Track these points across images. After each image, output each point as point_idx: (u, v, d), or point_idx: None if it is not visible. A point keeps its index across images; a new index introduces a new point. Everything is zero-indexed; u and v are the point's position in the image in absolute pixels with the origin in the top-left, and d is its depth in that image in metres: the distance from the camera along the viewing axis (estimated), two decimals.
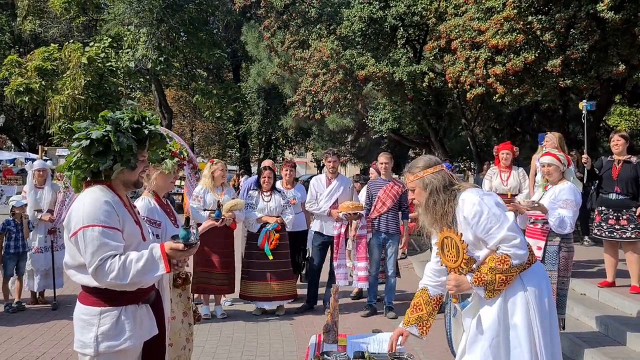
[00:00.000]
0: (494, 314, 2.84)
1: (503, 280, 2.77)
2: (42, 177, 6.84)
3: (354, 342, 3.20)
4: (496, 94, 10.71)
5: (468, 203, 2.82)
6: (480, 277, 2.78)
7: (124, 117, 2.56)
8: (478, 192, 2.90)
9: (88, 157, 2.51)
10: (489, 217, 2.77)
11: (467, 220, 2.82)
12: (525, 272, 2.84)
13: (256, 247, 6.38)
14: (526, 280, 2.84)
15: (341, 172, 7.32)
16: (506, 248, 2.76)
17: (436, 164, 2.99)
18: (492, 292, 2.80)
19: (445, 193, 2.89)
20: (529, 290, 2.83)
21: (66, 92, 19.84)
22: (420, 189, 2.96)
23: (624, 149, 6.08)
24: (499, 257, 2.76)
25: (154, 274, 2.43)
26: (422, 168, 2.97)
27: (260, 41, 18.50)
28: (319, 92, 13.72)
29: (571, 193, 4.59)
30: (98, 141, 2.48)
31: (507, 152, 6.93)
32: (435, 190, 2.90)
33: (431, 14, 12.42)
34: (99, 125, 2.53)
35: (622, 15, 9.26)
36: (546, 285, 2.92)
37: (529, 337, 2.80)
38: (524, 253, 2.79)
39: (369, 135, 21.72)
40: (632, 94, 15.16)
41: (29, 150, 27.35)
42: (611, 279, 6.14)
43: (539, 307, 2.83)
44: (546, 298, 2.87)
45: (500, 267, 2.75)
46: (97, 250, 2.37)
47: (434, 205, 2.89)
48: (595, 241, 8.24)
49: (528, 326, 2.81)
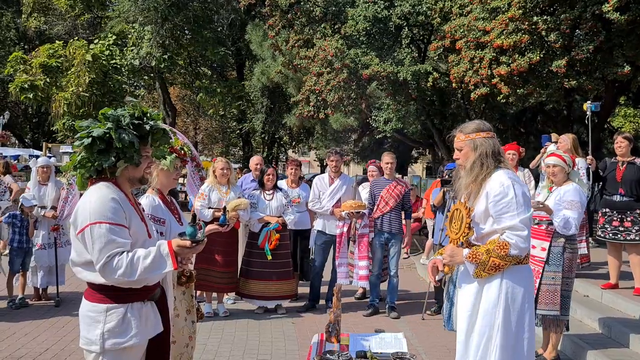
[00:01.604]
0: (471, 292, 2.93)
1: (496, 265, 2.81)
2: (46, 174, 6.85)
3: (356, 342, 3.20)
4: (500, 95, 10.70)
5: (496, 181, 2.86)
6: (476, 254, 2.83)
7: (124, 113, 2.56)
8: (510, 175, 2.92)
9: (91, 155, 2.51)
10: (510, 203, 2.80)
11: (489, 195, 2.85)
12: (512, 268, 2.86)
13: (257, 246, 6.38)
14: (507, 273, 2.86)
15: (344, 172, 7.31)
16: (511, 236, 2.79)
17: (489, 130, 3.02)
18: (481, 272, 2.84)
19: (493, 160, 2.93)
20: (505, 282, 2.86)
21: (70, 89, 19.85)
22: (469, 149, 2.98)
23: (627, 150, 6.06)
24: (501, 242, 2.80)
25: (162, 270, 2.44)
26: (474, 130, 3.00)
27: (265, 40, 18.51)
28: (323, 91, 13.73)
29: (576, 194, 4.58)
30: (100, 139, 2.49)
31: (513, 152, 6.90)
32: (485, 154, 2.93)
33: (436, 13, 12.41)
34: (100, 123, 2.54)
35: (627, 16, 9.25)
36: (527, 284, 2.94)
37: (487, 327, 2.86)
38: (525, 247, 2.82)
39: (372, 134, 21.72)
40: (637, 96, 15.11)
41: (32, 147, 27.42)
42: (614, 280, 6.12)
43: (511, 300, 2.86)
44: (520, 295, 2.88)
45: (498, 252, 2.79)
46: (105, 247, 2.37)
47: (480, 168, 2.92)
48: (598, 243, 8.21)
49: (491, 314, 2.86)
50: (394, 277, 6.50)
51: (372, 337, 3.31)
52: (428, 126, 16.46)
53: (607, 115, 13.92)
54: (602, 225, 6.12)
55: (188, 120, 35.89)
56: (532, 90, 10.52)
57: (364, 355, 2.94)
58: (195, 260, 6.12)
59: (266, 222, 6.40)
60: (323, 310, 6.53)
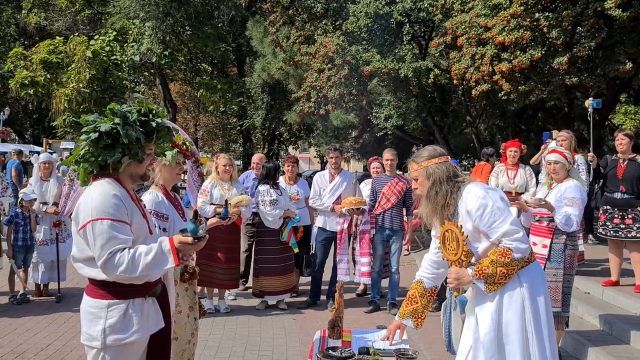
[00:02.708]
0: (490, 309, 2.82)
1: (504, 273, 2.75)
2: (47, 170, 6.86)
3: (358, 338, 3.20)
4: (502, 91, 10.68)
5: (472, 196, 2.80)
6: (482, 269, 2.76)
7: (131, 109, 2.56)
8: (483, 186, 2.88)
9: (96, 150, 2.51)
10: (493, 211, 2.76)
11: (471, 213, 2.80)
12: (523, 269, 2.82)
13: (267, 242, 6.46)
14: (523, 277, 2.82)
15: (345, 168, 7.32)
16: (508, 242, 2.75)
17: (441, 155, 2.95)
18: (492, 285, 2.77)
19: (449, 184, 2.87)
20: (525, 287, 2.81)
21: (71, 85, 19.82)
22: (423, 178, 2.94)
23: (628, 147, 6.05)
24: (501, 250, 2.76)
25: (163, 267, 2.44)
26: (426, 158, 2.94)
27: (266, 36, 18.47)
28: (324, 88, 13.71)
29: (577, 191, 4.58)
30: (107, 134, 2.49)
31: (515, 149, 6.92)
32: (438, 181, 2.87)
33: (437, 10, 12.37)
34: (107, 118, 2.53)
35: (629, 13, 9.23)
36: (542, 283, 2.91)
37: (521, 333, 2.78)
38: (526, 247, 2.79)
39: (373, 131, 21.70)
40: (638, 93, 15.10)
41: (33, 143, 27.40)
42: (615, 277, 6.13)
43: (534, 304, 2.81)
44: (542, 296, 2.85)
45: (502, 260, 2.74)
46: (106, 243, 2.37)
47: (436, 196, 2.87)
48: (599, 240, 8.21)
49: (521, 322, 2.79)
50: (395, 273, 6.50)
51: (374, 334, 3.32)
52: (429, 123, 16.45)
53: (608, 112, 13.90)
54: (603, 222, 6.12)
55: (188, 116, 35.85)
56: (533, 87, 10.51)
57: (366, 351, 2.94)
58: (197, 257, 6.11)
59: (286, 218, 6.52)
60: (324, 307, 6.54)
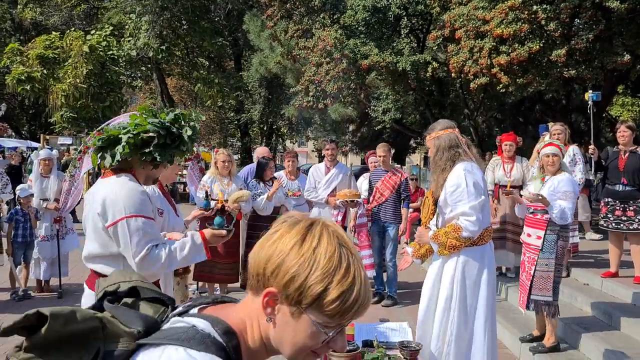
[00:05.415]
0: (436, 266, 3.46)
1: (452, 245, 3.31)
2: (48, 166, 6.85)
3: (362, 331, 3.22)
4: (500, 84, 10.68)
5: (454, 174, 3.31)
6: (438, 235, 3.38)
7: (196, 121, 2.66)
8: (466, 167, 3.32)
9: (147, 145, 2.50)
10: (462, 192, 3.25)
11: (446, 187, 3.34)
12: (468, 249, 3.34)
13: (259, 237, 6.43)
14: (462, 255, 3.35)
15: (342, 162, 7.34)
16: (463, 220, 3.26)
17: (449, 127, 3.45)
18: (442, 251, 3.37)
19: (449, 152, 3.36)
20: (460, 264, 3.34)
21: (68, 80, 19.73)
22: (432, 146, 3.45)
23: (630, 139, 5.98)
24: (455, 226, 3.30)
25: (197, 260, 2.57)
26: (436, 129, 3.47)
27: (263, 30, 18.41)
28: (322, 82, 13.69)
29: (570, 184, 4.64)
30: (171, 135, 2.54)
31: (510, 143, 6.84)
32: (441, 148, 3.38)
33: (435, 3, 12.34)
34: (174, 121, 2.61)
35: (627, 5, 9.22)
36: (481, 264, 3.38)
37: (446, 302, 3.35)
38: (475, 230, 3.26)
39: (371, 125, 21.69)
40: (636, 85, 15.11)
41: (29, 139, 27.32)
42: (615, 269, 6.15)
43: (463, 281, 3.33)
44: (475, 272, 3.35)
45: (453, 234, 3.29)
46: (142, 239, 2.41)
47: (439, 160, 3.38)
48: (601, 232, 8.22)
49: (449, 291, 3.35)
50: (392, 266, 6.52)
51: (377, 327, 3.34)
52: (427, 116, 16.43)
53: (606, 104, 13.89)
54: (604, 214, 6.08)
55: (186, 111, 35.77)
56: (531, 80, 10.49)
57: (370, 344, 2.96)
58: None
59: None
60: None
